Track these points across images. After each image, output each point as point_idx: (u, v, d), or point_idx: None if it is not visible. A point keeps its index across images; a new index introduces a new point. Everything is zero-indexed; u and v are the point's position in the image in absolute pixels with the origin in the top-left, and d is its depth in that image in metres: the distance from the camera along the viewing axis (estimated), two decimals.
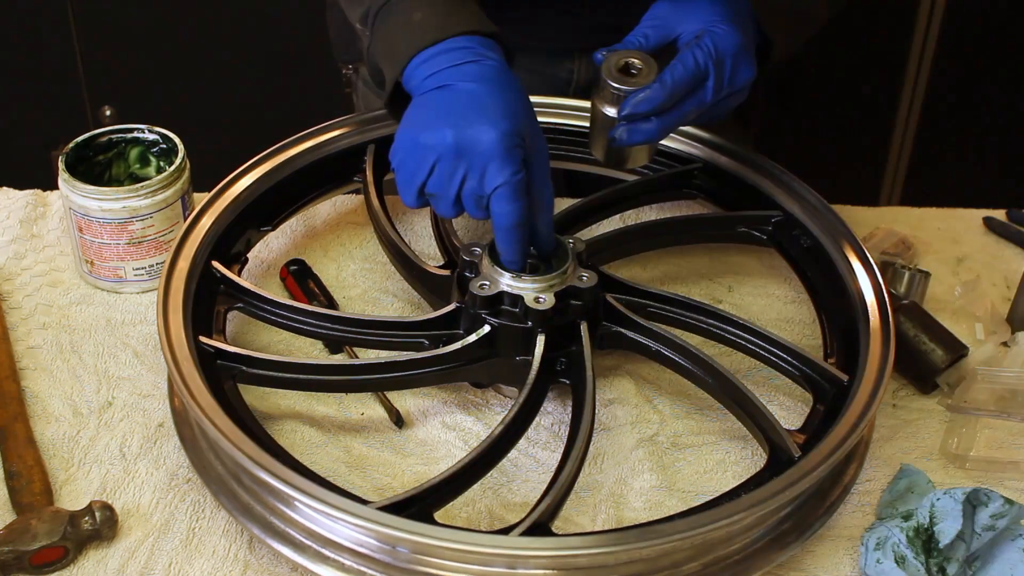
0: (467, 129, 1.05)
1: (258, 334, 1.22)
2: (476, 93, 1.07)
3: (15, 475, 1.05)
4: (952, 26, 2.42)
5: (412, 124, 1.09)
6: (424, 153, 1.07)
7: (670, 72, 1.11)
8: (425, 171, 1.08)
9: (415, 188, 1.10)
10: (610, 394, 1.18)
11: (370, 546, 0.95)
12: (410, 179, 1.09)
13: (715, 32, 1.12)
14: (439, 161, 1.07)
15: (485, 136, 1.05)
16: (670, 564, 0.97)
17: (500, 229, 1.09)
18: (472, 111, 1.06)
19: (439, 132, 1.06)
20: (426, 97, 1.09)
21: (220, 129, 2.26)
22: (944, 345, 1.20)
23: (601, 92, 1.13)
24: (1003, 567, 1.01)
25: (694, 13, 1.15)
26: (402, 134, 1.10)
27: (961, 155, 2.61)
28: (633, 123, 1.12)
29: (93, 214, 1.22)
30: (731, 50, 1.12)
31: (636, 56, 1.12)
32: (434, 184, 1.08)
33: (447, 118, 1.06)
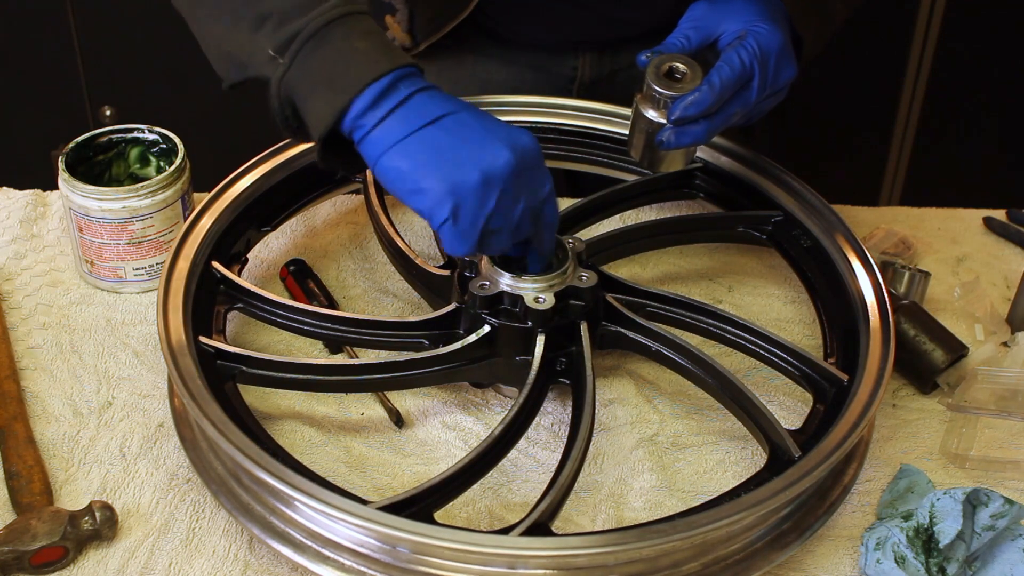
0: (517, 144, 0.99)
1: (258, 334, 1.22)
2: (476, 113, 1.01)
3: (15, 475, 1.05)
4: (952, 26, 2.42)
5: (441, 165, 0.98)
6: (489, 187, 0.98)
7: (717, 74, 1.10)
8: (491, 206, 0.99)
9: (478, 231, 1.00)
10: (610, 394, 1.18)
11: (370, 546, 0.95)
12: (473, 222, 0.99)
13: (757, 32, 1.12)
14: (504, 192, 0.99)
15: (531, 143, 1.01)
16: (670, 564, 0.97)
17: (550, 227, 1.07)
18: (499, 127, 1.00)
19: (496, 159, 0.98)
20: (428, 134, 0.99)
21: (220, 129, 2.26)
22: (944, 345, 1.20)
23: (645, 96, 1.13)
24: (1003, 567, 1.01)
25: (733, 13, 1.15)
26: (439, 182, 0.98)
27: (961, 155, 2.61)
28: (681, 126, 1.12)
29: (93, 214, 1.22)
30: (775, 49, 1.13)
31: (679, 60, 1.12)
32: (500, 217, 1.00)
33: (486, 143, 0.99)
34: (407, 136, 0.99)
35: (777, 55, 1.13)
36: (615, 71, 1.48)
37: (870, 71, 2.45)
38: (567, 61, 1.46)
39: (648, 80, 1.12)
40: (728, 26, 1.15)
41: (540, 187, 1.03)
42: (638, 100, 1.14)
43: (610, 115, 1.37)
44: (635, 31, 1.45)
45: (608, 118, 1.37)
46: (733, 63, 1.11)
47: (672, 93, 1.11)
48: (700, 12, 1.16)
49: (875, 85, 2.49)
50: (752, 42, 1.12)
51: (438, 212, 0.99)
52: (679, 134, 1.13)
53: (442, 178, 0.98)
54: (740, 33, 1.13)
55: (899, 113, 2.55)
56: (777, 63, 1.13)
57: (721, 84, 1.10)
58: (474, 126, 1.00)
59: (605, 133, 1.37)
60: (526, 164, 1.00)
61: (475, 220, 0.99)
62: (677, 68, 1.12)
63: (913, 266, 1.30)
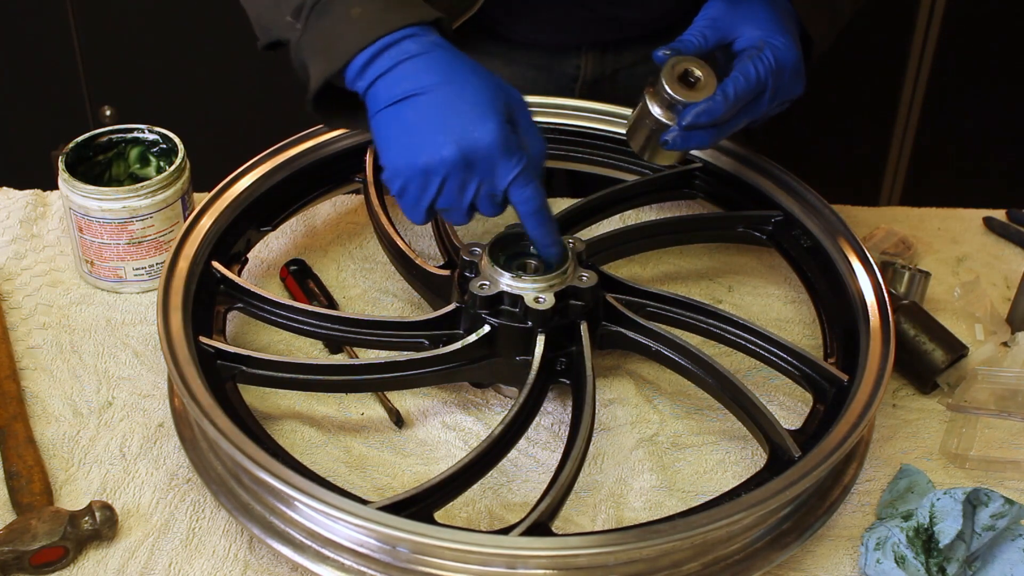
0: (466, 138, 1.03)
1: (258, 334, 1.22)
2: (449, 93, 1.04)
3: (15, 475, 1.05)
4: (952, 26, 2.42)
5: (398, 145, 1.05)
6: (429, 175, 1.04)
7: (733, 85, 1.11)
8: (433, 191, 1.05)
9: (423, 208, 1.07)
10: (610, 394, 1.18)
11: (370, 546, 0.95)
12: (416, 202, 1.06)
13: (775, 45, 1.12)
14: (448, 179, 1.04)
15: (485, 138, 1.03)
16: (670, 564, 0.97)
17: (528, 216, 1.08)
18: (459, 115, 1.03)
19: (439, 150, 1.03)
20: (399, 110, 1.04)
21: (220, 129, 2.26)
22: (944, 345, 1.20)
23: (657, 93, 1.13)
24: (1003, 567, 1.01)
25: (751, 19, 1.14)
26: (394, 159, 1.05)
27: (961, 155, 2.61)
28: (689, 131, 1.12)
29: (93, 214, 1.22)
30: (789, 65, 1.13)
31: (695, 64, 1.12)
32: (446, 200, 1.06)
33: (438, 132, 1.03)
34: (382, 109, 1.05)
35: (791, 71, 1.13)
36: (617, 70, 1.48)
37: (870, 71, 2.45)
38: (570, 60, 1.46)
39: (663, 81, 1.11)
40: (745, 31, 1.14)
41: (498, 177, 1.05)
42: (648, 95, 1.14)
43: (611, 115, 1.37)
44: (638, 30, 1.45)
45: (609, 118, 1.37)
46: (749, 75, 1.11)
47: (685, 100, 1.11)
48: (718, 12, 1.15)
49: (875, 85, 2.49)
50: (769, 55, 1.12)
51: (390, 187, 1.08)
52: (685, 138, 1.13)
53: (394, 157, 1.06)
54: (758, 43, 1.13)
55: (899, 113, 2.55)
56: (790, 79, 1.14)
57: (735, 95, 1.11)
58: (438, 110, 1.04)
59: (605, 133, 1.37)
60: (475, 157, 1.03)
61: (418, 201, 1.06)
62: (692, 72, 1.12)
63: (913, 266, 1.30)
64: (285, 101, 2.35)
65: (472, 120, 1.03)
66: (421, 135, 1.04)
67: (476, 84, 1.05)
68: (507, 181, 1.05)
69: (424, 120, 1.04)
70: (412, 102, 1.04)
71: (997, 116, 2.56)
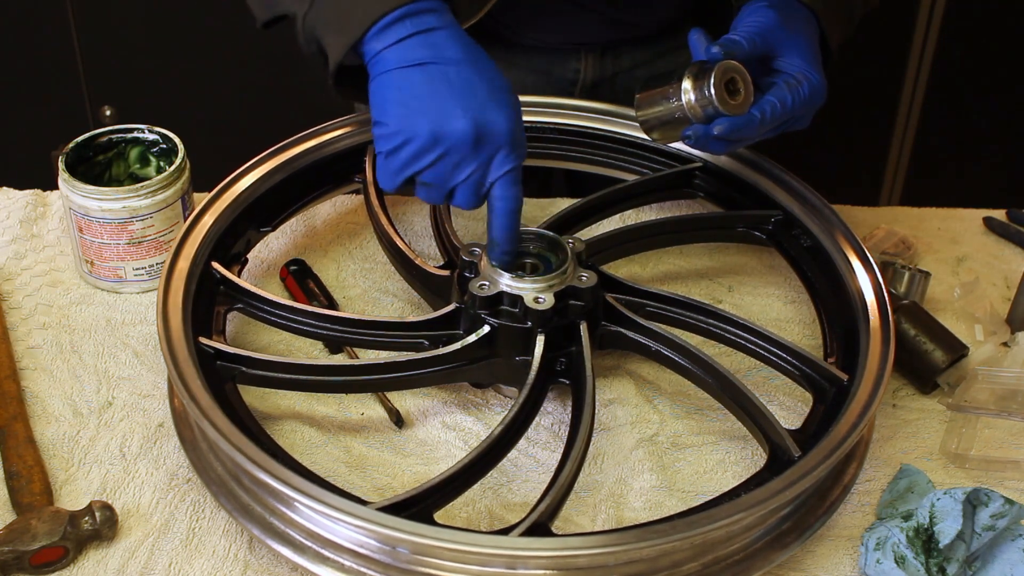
0: (483, 117, 1.02)
1: (258, 334, 1.22)
2: (469, 72, 1.03)
3: (15, 475, 1.05)
4: (952, 26, 2.42)
5: (405, 106, 1.03)
6: (433, 143, 1.03)
7: (770, 109, 1.12)
8: (427, 161, 1.04)
9: (406, 175, 1.05)
10: (610, 394, 1.18)
11: (370, 547, 0.95)
12: (402, 167, 1.05)
13: (813, 82, 1.14)
14: (448, 153, 1.03)
15: (501, 123, 1.03)
16: (670, 564, 0.97)
17: (504, 214, 1.07)
18: (477, 94, 1.03)
19: (453, 121, 1.02)
20: (411, 73, 1.03)
21: (220, 129, 2.26)
22: (944, 345, 1.20)
23: (699, 88, 1.12)
24: (1003, 567, 1.01)
25: (797, 45, 1.16)
26: (398, 118, 1.03)
27: (961, 155, 2.61)
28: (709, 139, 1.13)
29: (93, 214, 1.22)
30: (816, 104, 1.15)
31: (740, 76, 1.12)
32: (433, 174, 1.05)
33: (455, 104, 1.02)
34: (391, 70, 1.04)
35: (813, 109, 1.16)
36: (616, 73, 1.48)
37: (870, 71, 2.45)
38: (569, 63, 1.46)
39: (712, 82, 1.11)
40: (789, 55, 1.15)
41: (494, 167, 1.05)
42: (690, 82, 1.13)
43: (610, 115, 1.37)
44: (638, 33, 1.46)
45: (608, 118, 1.37)
46: (786, 104, 1.13)
47: (724, 110, 1.11)
48: (770, 23, 1.15)
49: (875, 84, 2.49)
50: (806, 90, 1.14)
51: (381, 143, 1.06)
52: (706, 142, 1.14)
53: (398, 116, 1.03)
54: (797, 74, 1.14)
55: (899, 113, 2.55)
56: (808, 114, 1.16)
57: (768, 119, 1.12)
58: (455, 83, 1.03)
59: (605, 133, 1.37)
60: (485, 140, 1.03)
61: (406, 166, 1.05)
62: (736, 82, 1.12)
63: (913, 266, 1.30)
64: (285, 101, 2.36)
65: (492, 102, 1.03)
66: (435, 101, 1.02)
67: (493, 70, 1.05)
68: (500, 173, 1.05)
69: (441, 89, 1.03)
70: (427, 69, 1.03)
71: (997, 116, 2.56)
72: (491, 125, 1.03)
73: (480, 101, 1.03)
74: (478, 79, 1.04)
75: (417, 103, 1.03)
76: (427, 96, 1.03)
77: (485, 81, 1.04)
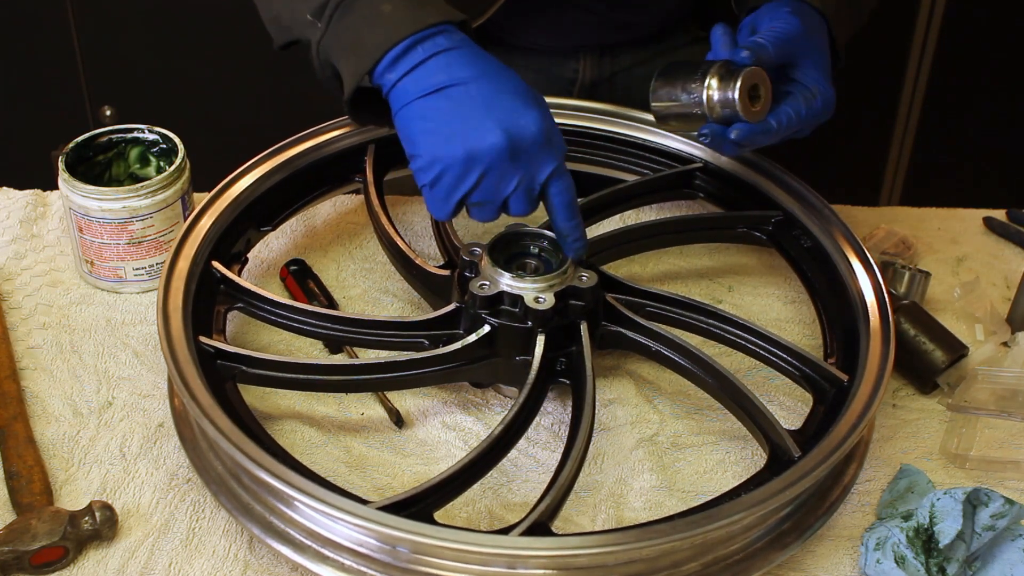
0: (514, 126, 1.02)
1: (258, 334, 1.22)
2: (488, 86, 1.04)
3: (15, 475, 1.05)
4: (952, 26, 2.42)
5: (435, 134, 1.03)
6: (471, 164, 1.03)
7: (786, 119, 1.13)
8: (471, 182, 1.04)
9: (455, 200, 1.05)
10: (610, 394, 1.18)
11: (370, 546, 0.95)
12: (449, 193, 1.05)
13: (826, 96, 1.15)
14: (490, 169, 1.03)
15: (531, 127, 1.03)
16: (670, 564, 0.97)
17: (564, 207, 1.07)
18: (503, 105, 1.03)
19: (486, 137, 1.02)
20: (434, 100, 1.04)
21: (220, 129, 2.26)
22: (944, 345, 1.20)
23: (723, 88, 1.12)
24: (1003, 567, 1.01)
25: (816, 58, 1.17)
26: (431, 147, 1.04)
27: (961, 155, 2.61)
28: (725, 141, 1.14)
29: (93, 214, 1.22)
30: (825, 118, 1.17)
31: (763, 83, 1.13)
32: (482, 193, 1.05)
33: (484, 119, 1.02)
34: (413, 101, 1.05)
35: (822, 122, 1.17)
36: (615, 73, 1.48)
37: (870, 71, 2.45)
38: (568, 64, 1.46)
39: (738, 86, 1.11)
40: (807, 66, 1.16)
41: (539, 169, 1.05)
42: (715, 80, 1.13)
43: (610, 115, 1.37)
44: (636, 34, 1.46)
45: (608, 118, 1.37)
46: (800, 114, 1.14)
47: (744, 116, 1.12)
48: (794, 32, 1.15)
49: (875, 85, 2.49)
50: (819, 104, 1.15)
51: (421, 176, 1.06)
52: (719, 143, 1.14)
53: (430, 146, 1.04)
54: (813, 87, 1.15)
55: (899, 113, 2.55)
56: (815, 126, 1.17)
57: (782, 128, 1.13)
58: (477, 100, 1.03)
59: (605, 133, 1.37)
60: (521, 147, 1.03)
61: (451, 192, 1.05)
62: (758, 89, 1.13)
63: (913, 266, 1.30)
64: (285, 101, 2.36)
65: (517, 109, 1.03)
66: (464, 122, 1.03)
67: (511, 77, 1.06)
68: (548, 172, 1.05)
69: (465, 110, 1.03)
70: (448, 93, 1.04)
71: (997, 117, 2.56)
72: (523, 131, 1.03)
73: (506, 111, 1.03)
74: (499, 90, 1.04)
75: (446, 129, 1.03)
76: (453, 120, 1.03)
77: (506, 90, 1.04)
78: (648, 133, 1.36)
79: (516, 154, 1.03)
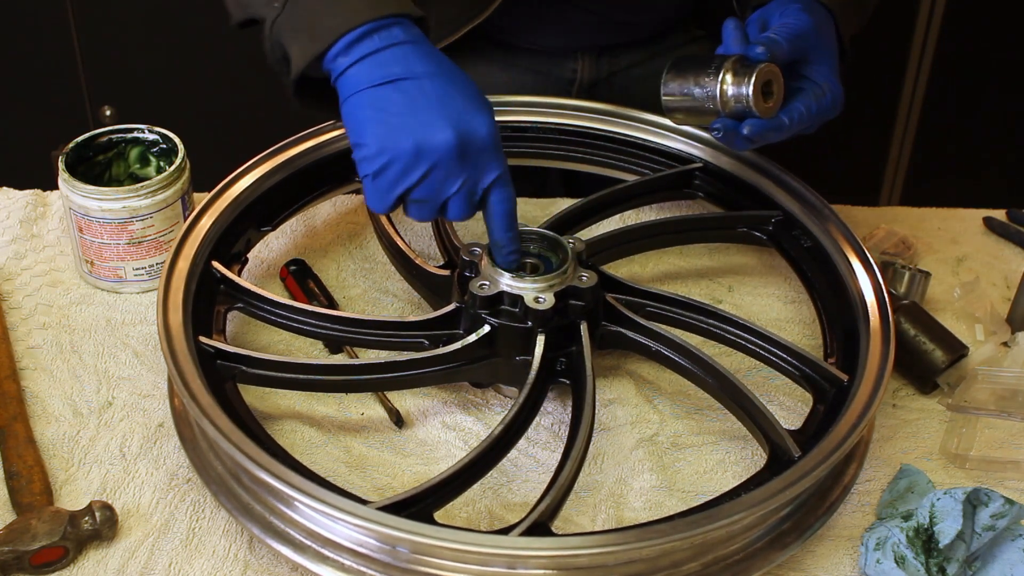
0: (464, 125, 1.01)
1: (258, 334, 1.22)
2: (444, 82, 1.03)
3: (15, 475, 1.05)
4: (952, 27, 2.42)
5: (384, 125, 1.02)
6: (417, 158, 1.02)
7: (797, 115, 1.14)
8: (415, 177, 1.02)
9: (396, 195, 1.04)
10: (610, 394, 1.18)
11: (370, 546, 0.95)
12: (391, 187, 1.04)
13: (836, 94, 1.16)
14: (436, 167, 1.02)
15: (483, 129, 1.02)
16: (670, 564, 0.97)
17: (502, 216, 1.07)
18: (455, 104, 1.02)
19: (436, 133, 1.01)
20: (384, 92, 1.02)
21: (220, 129, 2.26)
22: (944, 345, 1.20)
23: (738, 84, 1.12)
24: (1003, 567, 1.01)
25: (827, 56, 1.18)
26: (379, 138, 1.02)
27: (961, 155, 2.61)
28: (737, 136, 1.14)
29: (93, 214, 1.22)
30: (833, 115, 1.18)
31: (776, 80, 1.13)
32: (424, 190, 1.04)
33: (436, 116, 1.01)
34: (364, 89, 1.03)
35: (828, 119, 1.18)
36: (613, 73, 1.48)
37: (870, 71, 2.45)
38: (567, 64, 1.46)
39: (752, 82, 1.11)
40: (818, 63, 1.17)
41: (483, 173, 1.04)
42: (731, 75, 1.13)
43: (610, 115, 1.37)
44: (635, 34, 1.46)
45: (608, 118, 1.37)
46: (811, 111, 1.15)
47: (757, 112, 1.12)
48: (807, 29, 1.16)
49: (875, 85, 2.49)
50: (828, 102, 1.16)
51: (365, 166, 1.04)
52: (733, 138, 1.14)
53: (378, 136, 1.02)
54: (823, 85, 1.16)
55: (899, 113, 2.55)
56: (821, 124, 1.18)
57: (793, 126, 1.14)
58: (431, 96, 1.02)
59: (605, 133, 1.37)
60: (470, 148, 1.02)
61: (394, 185, 1.03)
62: (771, 85, 1.13)
63: (913, 266, 1.31)
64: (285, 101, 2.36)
65: (470, 110, 1.03)
66: (415, 116, 1.01)
67: (465, 79, 1.05)
68: (492, 178, 1.05)
69: (419, 104, 1.02)
70: (401, 85, 1.02)
71: (997, 116, 2.56)
72: (474, 133, 1.02)
73: (458, 110, 1.02)
74: (452, 89, 1.03)
75: (397, 120, 1.02)
76: (405, 112, 1.02)
77: (459, 90, 1.03)
78: (648, 133, 1.36)
79: (464, 155, 1.02)
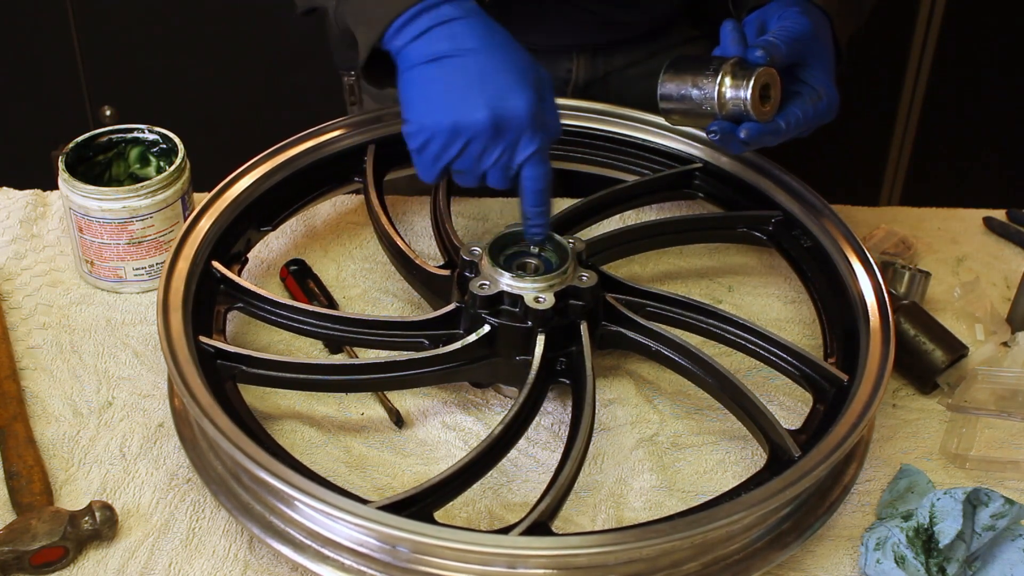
0: (500, 105, 1.05)
1: (258, 334, 1.22)
2: (486, 61, 1.06)
3: (15, 475, 1.05)
4: (952, 26, 2.42)
5: (427, 102, 1.07)
6: (455, 135, 1.06)
7: (794, 120, 1.14)
8: (454, 151, 1.07)
9: (440, 167, 1.09)
10: (610, 394, 1.18)
11: (370, 546, 0.95)
12: (434, 160, 1.09)
13: (831, 98, 1.17)
14: (472, 141, 1.06)
15: (519, 108, 1.05)
16: (670, 564, 0.97)
17: (534, 193, 1.10)
18: (495, 82, 1.05)
19: (472, 112, 1.05)
20: (431, 69, 1.07)
21: (220, 129, 2.26)
22: (944, 345, 1.20)
23: (736, 86, 1.12)
24: (1003, 567, 1.01)
25: (823, 60, 1.18)
26: (421, 115, 1.08)
27: (961, 155, 2.61)
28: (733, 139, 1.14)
29: (93, 214, 1.22)
30: (828, 119, 1.18)
31: (774, 83, 1.13)
32: (463, 162, 1.08)
33: (473, 94, 1.05)
34: (412, 67, 1.08)
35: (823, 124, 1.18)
36: (608, 73, 1.48)
37: (870, 71, 2.45)
38: (562, 64, 1.46)
39: (751, 86, 1.11)
40: (814, 67, 1.17)
41: (518, 151, 1.07)
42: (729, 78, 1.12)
43: (609, 115, 1.37)
44: (630, 33, 1.46)
45: (608, 118, 1.37)
46: (808, 114, 1.15)
47: (755, 115, 1.12)
48: (805, 32, 1.16)
49: (875, 85, 2.49)
50: (824, 106, 1.16)
51: (411, 141, 1.10)
52: (729, 140, 1.14)
53: (421, 113, 1.08)
54: (819, 89, 1.16)
55: (899, 113, 2.55)
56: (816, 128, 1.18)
57: (790, 130, 1.14)
58: (472, 74, 1.06)
59: (604, 133, 1.37)
60: (506, 126, 1.06)
61: (437, 159, 1.09)
62: (769, 89, 1.13)
63: (913, 266, 1.30)
64: (285, 101, 2.36)
65: (507, 88, 1.05)
66: (454, 94, 1.06)
67: (512, 54, 1.08)
68: (525, 156, 1.07)
69: (458, 81, 1.06)
70: (445, 63, 1.06)
71: (997, 116, 2.56)
72: (510, 111, 1.05)
73: (497, 89, 1.05)
74: (495, 66, 1.06)
75: (437, 98, 1.07)
76: (444, 91, 1.06)
77: (503, 67, 1.06)
78: (647, 133, 1.36)
79: (499, 132, 1.06)
